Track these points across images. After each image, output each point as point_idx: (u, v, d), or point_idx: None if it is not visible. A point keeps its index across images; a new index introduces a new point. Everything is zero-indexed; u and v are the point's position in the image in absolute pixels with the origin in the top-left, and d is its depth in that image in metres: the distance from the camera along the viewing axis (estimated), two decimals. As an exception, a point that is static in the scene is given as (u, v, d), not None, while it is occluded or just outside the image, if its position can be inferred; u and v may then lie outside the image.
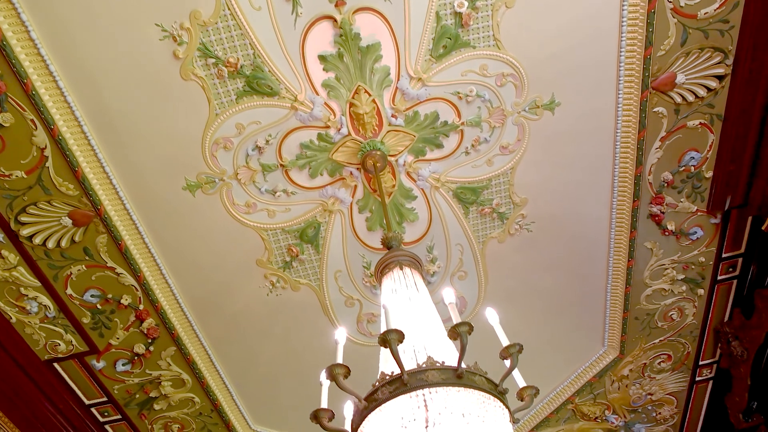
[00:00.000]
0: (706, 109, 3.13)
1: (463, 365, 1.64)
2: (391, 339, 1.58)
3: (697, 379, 4.61)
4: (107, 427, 4.03)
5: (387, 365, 1.83)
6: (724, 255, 3.82)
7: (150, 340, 3.57)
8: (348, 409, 1.97)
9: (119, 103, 2.71)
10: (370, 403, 1.63)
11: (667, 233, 3.62)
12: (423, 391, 1.58)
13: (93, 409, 3.89)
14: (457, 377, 1.61)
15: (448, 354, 1.79)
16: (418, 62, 2.79)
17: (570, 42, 2.83)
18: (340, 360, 1.78)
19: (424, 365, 1.63)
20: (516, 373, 1.84)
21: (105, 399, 3.84)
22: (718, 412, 4.70)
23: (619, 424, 4.82)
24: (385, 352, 1.92)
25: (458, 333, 1.60)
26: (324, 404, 1.80)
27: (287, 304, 3.61)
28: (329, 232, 3.34)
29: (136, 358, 3.64)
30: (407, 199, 3.27)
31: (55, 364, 3.58)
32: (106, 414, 3.94)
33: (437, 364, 1.64)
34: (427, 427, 1.50)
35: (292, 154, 3.02)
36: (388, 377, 1.65)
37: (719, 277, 3.94)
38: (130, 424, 4.03)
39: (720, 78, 3.01)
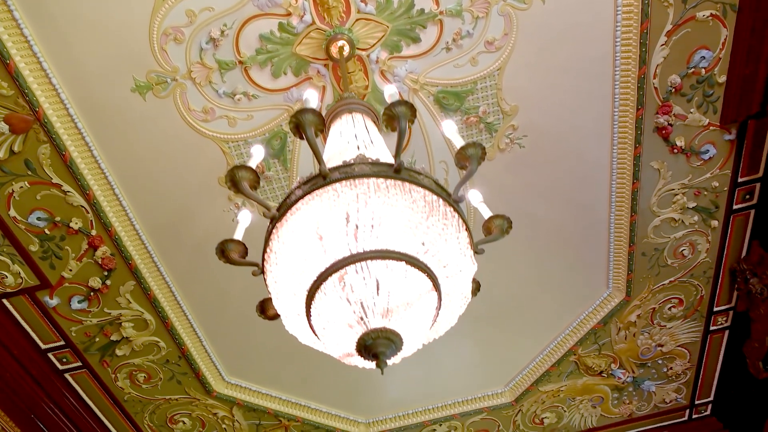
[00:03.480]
0: (717, -3, 2.78)
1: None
2: (305, 120, 1.20)
3: (712, 328, 4.22)
4: (67, 376, 3.72)
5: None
6: (740, 180, 3.45)
7: (106, 273, 3.26)
8: None
9: (53, -18, 2.41)
10: (281, 209, 1.28)
11: (675, 150, 3.25)
12: (347, 185, 1.19)
13: (50, 355, 3.58)
14: (394, 172, 1.23)
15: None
16: (388, -66, 2.47)
17: None
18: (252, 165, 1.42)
19: (352, 161, 1.27)
20: (483, 206, 1.49)
21: (62, 343, 3.52)
22: (736, 365, 4.31)
23: (627, 380, 4.43)
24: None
25: (395, 115, 1.22)
26: (238, 237, 1.46)
27: (255, 231, 3.27)
28: (297, 143, 3.02)
29: (92, 293, 3.33)
30: (383, 104, 2.93)
31: (5, 301, 3.27)
32: (65, 360, 3.63)
33: (370, 160, 1.27)
34: (351, 235, 1.13)
35: (251, 48, 2.70)
36: (306, 177, 1.30)
37: (735, 207, 3.57)
38: (91, 372, 3.71)
39: (733, -43, 2.67)
